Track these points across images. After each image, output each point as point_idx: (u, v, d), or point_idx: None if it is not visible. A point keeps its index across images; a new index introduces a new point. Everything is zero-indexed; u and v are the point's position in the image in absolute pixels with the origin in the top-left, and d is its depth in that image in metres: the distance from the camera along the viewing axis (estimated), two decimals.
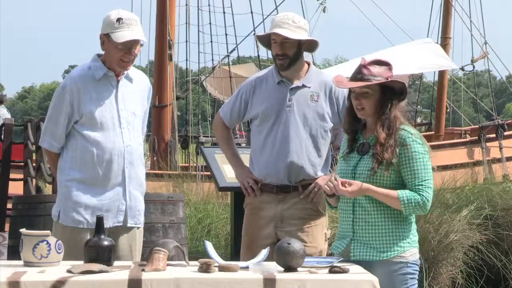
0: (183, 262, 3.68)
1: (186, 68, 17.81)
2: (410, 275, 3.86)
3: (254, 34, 4.67)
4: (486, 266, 7.62)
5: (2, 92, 26.52)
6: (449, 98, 18.78)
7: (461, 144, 15.30)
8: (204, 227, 8.46)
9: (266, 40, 4.71)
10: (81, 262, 3.60)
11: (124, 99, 4.43)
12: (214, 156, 5.79)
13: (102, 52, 4.44)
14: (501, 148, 15.13)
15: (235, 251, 5.49)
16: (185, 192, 9.80)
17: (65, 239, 3.92)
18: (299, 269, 3.54)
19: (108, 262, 3.58)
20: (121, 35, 4.29)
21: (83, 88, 4.37)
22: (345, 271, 3.47)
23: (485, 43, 17.59)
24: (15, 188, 9.41)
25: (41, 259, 3.54)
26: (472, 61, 17.73)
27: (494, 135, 15.32)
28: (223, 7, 16.58)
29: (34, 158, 9.24)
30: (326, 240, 4.75)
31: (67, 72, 71.25)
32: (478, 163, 14.51)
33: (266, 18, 15.47)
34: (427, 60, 15.19)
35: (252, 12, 15.90)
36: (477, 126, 16.17)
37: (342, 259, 3.81)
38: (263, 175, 4.66)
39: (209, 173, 8.21)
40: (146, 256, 3.57)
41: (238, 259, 4.69)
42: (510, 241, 7.94)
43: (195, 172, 11.94)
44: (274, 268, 3.49)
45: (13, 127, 9.49)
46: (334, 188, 3.80)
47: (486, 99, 38.04)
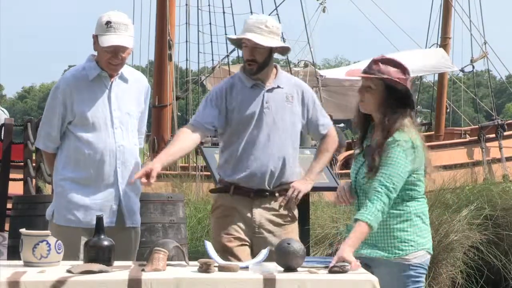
0: (183, 262, 3.68)
1: (186, 68, 17.83)
2: (412, 277, 3.81)
3: (226, 34, 4.53)
4: (486, 266, 7.61)
5: None
6: (449, 98, 18.81)
7: (461, 144, 15.32)
8: (204, 227, 8.44)
9: (238, 41, 4.56)
10: (81, 262, 3.60)
11: (117, 99, 4.42)
12: (214, 156, 5.78)
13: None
14: (501, 148, 15.15)
15: None
16: (185, 192, 9.79)
17: (59, 238, 3.91)
18: (299, 269, 3.54)
19: (108, 262, 3.58)
20: (106, 40, 4.29)
21: (75, 89, 4.38)
22: (344, 271, 3.47)
23: (485, 43, 17.63)
24: (15, 188, 9.41)
25: (41, 259, 3.54)
26: (472, 61, 17.77)
27: (494, 135, 15.35)
28: (223, 7, 16.61)
29: (34, 158, 9.24)
30: None
31: None
32: (478, 163, 14.53)
33: None
34: (429, 62, 15.23)
35: (252, 12, 15.90)
36: (477, 126, 16.19)
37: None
38: (244, 179, 4.49)
39: (208, 173, 8.22)
40: (146, 256, 3.57)
41: None
42: (510, 241, 7.93)
43: (195, 172, 11.93)
44: (274, 268, 3.49)
45: (13, 127, 9.49)
46: (347, 200, 3.95)
47: (486, 99, 38.04)
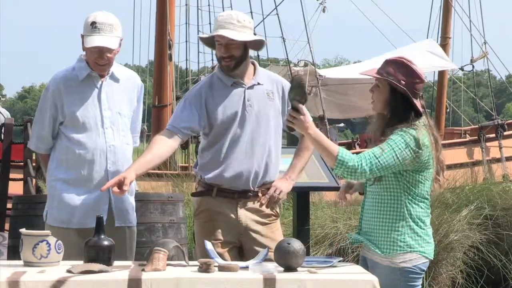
0: (183, 262, 3.68)
1: (186, 68, 17.85)
2: (402, 281, 3.77)
3: (198, 35, 4.38)
4: (486, 266, 7.60)
5: None
6: (449, 98, 18.80)
7: (461, 144, 15.33)
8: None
9: (210, 41, 4.42)
10: (79, 262, 3.60)
11: (108, 99, 4.42)
12: None
13: None
14: (500, 148, 15.15)
15: None
16: (185, 192, 9.77)
17: None
18: (299, 269, 3.54)
19: (108, 262, 3.58)
20: (90, 40, 4.30)
21: (66, 90, 4.38)
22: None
23: (485, 43, 17.63)
24: (15, 188, 9.43)
25: (41, 259, 3.54)
26: (472, 61, 17.77)
27: (493, 135, 15.36)
28: (223, 7, 16.61)
29: (34, 158, 9.24)
30: None
31: None
32: (478, 163, 14.53)
33: (266, 18, 15.51)
34: (427, 61, 15.22)
35: (251, 12, 15.92)
36: (477, 126, 16.21)
37: (341, 259, 3.81)
38: (228, 181, 4.34)
39: None
40: (146, 256, 3.57)
41: None
42: (510, 241, 7.92)
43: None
44: (274, 268, 3.50)
45: (13, 127, 9.50)
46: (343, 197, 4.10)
47: (486, 99, 38.05)
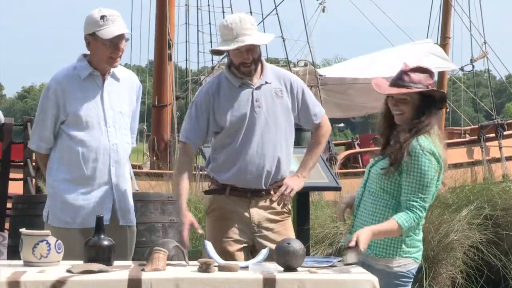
0: (183, 262, 3.68)
1: (186, 68, 17.82)
2: (395, 284, 3.77)
3: (211, 49, 4.33)
4: (486, 266, 7.60)
5: None
6: (448, 98, 18.79)
7: (460, 144, 15.30)
8: (204, 227, 8.42)
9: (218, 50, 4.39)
10: (80, 262, 3.60)
11: (110, 98, 4.42)
12: None
13: (88, 52, 4.42)
14: (500, 147, 15.13)
15: None
16: None
17: None
18: (299, 269, 3.54)
19: (108, 262, 3.58)
20: (109, 32, 4.29)
21: (68, 88, 4.37)
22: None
23: (485, 42, 17.61)
24: (15, 188, 9.42)
25: (41, 259, 3.54)
26: (472, 61, 17.75)
27: (493, 135, 15.33)
28: (223, 7, 16.61)
29: (34, 158, 9.24)
30: None
31: None
32: (477, 162, 14.51)
33: (265, 18, 15.50)
34: (427, 61, 15.19)
35: (251, 12, 15.90)
36: (477, 126, 16.18)
37: (341, 259, 3.79)
38: (240, 181, 4.38)
39: None
40: (146, 256, 3.57)
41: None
42: (510, 241, 7.93)
43: (195, 172, 11.92)
44: (274, 268, 3.49)
45: (13, 126, 9.50)
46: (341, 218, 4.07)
47: (485, 99, 38.01)
